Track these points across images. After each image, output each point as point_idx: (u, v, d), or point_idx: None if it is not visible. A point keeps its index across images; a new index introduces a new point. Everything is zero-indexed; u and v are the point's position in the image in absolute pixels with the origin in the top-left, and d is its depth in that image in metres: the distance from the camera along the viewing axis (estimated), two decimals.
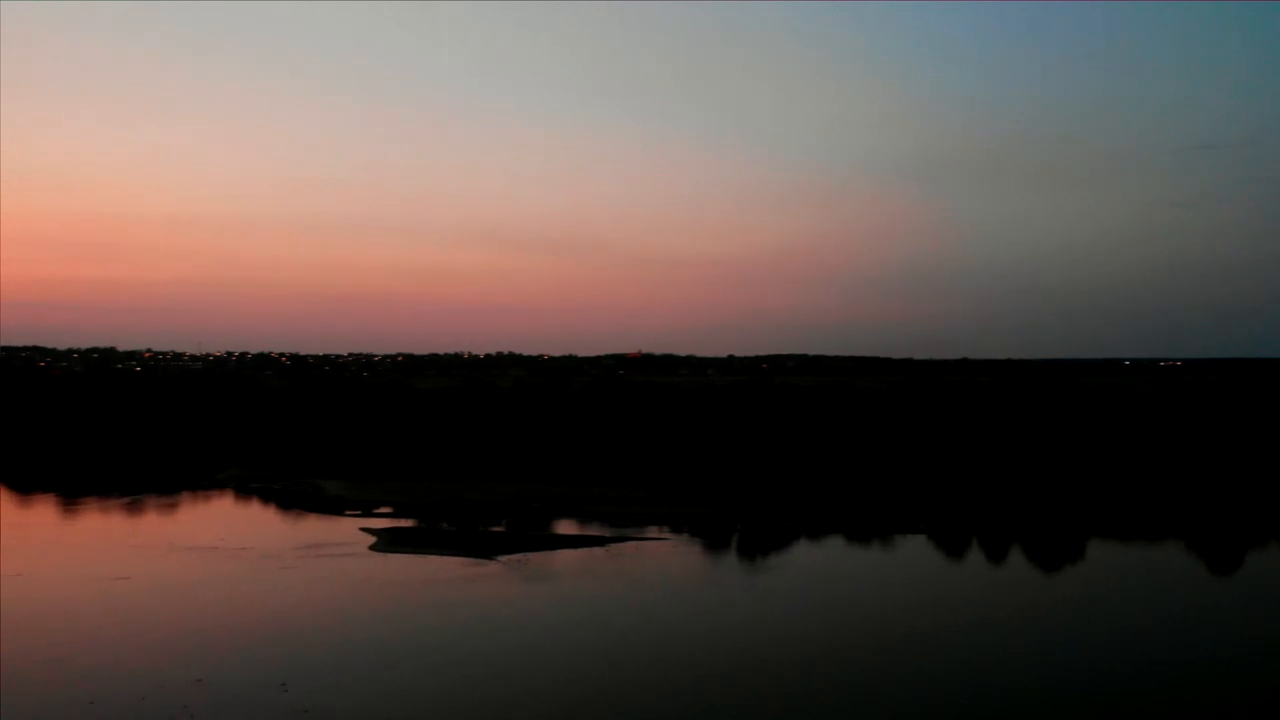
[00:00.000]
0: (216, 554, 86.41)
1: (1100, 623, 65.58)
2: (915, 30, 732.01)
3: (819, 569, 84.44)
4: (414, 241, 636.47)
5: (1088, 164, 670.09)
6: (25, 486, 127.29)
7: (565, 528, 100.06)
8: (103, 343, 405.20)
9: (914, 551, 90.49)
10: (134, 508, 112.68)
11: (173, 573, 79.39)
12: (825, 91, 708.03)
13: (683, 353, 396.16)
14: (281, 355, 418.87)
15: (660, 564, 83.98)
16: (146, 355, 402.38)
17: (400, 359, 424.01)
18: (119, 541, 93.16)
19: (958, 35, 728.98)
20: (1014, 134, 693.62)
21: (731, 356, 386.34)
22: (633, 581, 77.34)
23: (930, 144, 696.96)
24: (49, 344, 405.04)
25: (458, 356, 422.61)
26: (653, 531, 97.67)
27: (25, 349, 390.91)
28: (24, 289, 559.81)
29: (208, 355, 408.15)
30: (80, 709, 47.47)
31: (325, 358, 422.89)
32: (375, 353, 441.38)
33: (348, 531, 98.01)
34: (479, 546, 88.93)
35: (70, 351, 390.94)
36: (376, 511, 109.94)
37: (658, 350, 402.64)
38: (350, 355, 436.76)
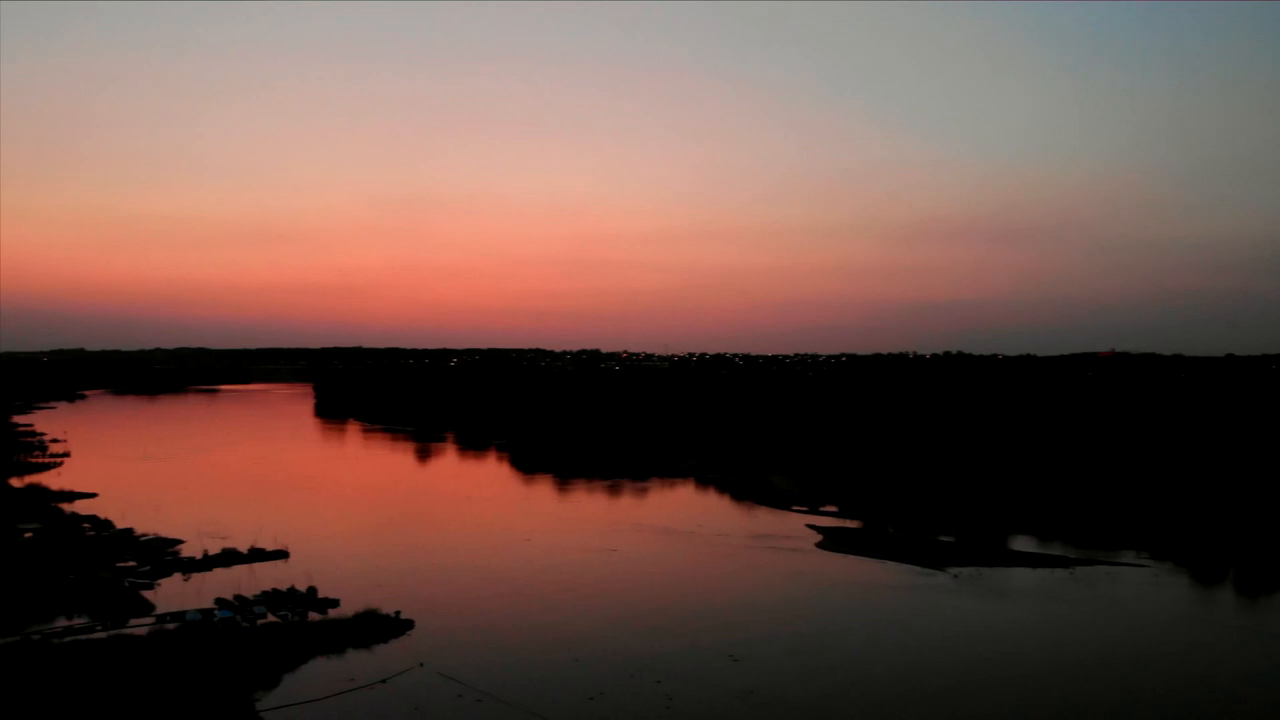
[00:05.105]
0: (680, 536, 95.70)
1: None
2: None
3: None
4: (855, 242, 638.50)
5: None
6: (529, 467, 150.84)
7: (1021, 543, 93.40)
8: (590, 345, 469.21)
9: None
10: (613, 490, 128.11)
11: (646, 549, 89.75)
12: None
13: (1168, 351, 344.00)
14: (735, 356, 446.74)
15: (1136, 594, 74.34)
16: (624, 355, 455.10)
17: (843, 359, 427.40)
18: (601, 518, 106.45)
19: None
20: None
21: (1230, 355, 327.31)
22: (1105, 611, 69.46)
23: None
24: (548, 346, 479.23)
25: (902, 356, 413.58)
26: (1127, 556, 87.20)
27: (530, 351, 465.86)
28: (532, 300, 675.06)
29: (673, 356, 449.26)
30: (565, 664, 55.61)
31: (773, 358, 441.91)
32: (820, 353, 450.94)
33: (794, 526, 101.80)
34: (927, 555, 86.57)
35: (564, 353, 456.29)
36: (822, 509, 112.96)
37: (1135, 349, 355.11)
38: (795, 355, 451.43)
